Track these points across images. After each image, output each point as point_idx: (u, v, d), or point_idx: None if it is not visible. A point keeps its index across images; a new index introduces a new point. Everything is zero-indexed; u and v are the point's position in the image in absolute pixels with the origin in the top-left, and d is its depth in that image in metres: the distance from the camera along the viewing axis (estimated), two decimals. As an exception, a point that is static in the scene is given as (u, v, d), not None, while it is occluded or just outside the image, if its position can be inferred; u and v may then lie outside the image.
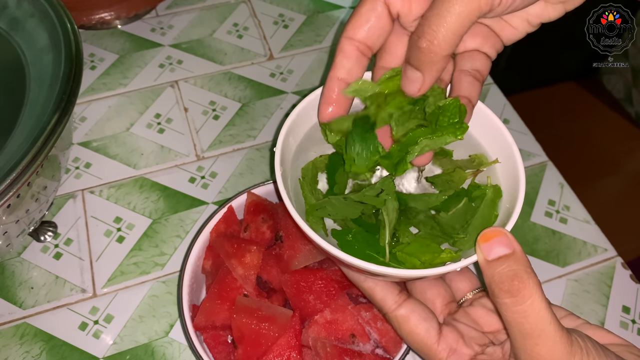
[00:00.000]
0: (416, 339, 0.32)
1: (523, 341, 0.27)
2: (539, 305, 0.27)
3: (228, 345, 0.37)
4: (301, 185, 0.35)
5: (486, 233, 0.29)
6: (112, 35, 0.62)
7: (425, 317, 0.32)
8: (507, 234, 0.28)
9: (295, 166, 0.35)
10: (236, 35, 0.62)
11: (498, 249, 0.28)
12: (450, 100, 0.32)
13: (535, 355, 0.27)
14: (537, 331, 0.27)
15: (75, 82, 0.38)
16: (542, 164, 0.53)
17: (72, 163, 0.52)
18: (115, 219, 0.48)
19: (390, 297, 0.33)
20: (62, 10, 0.41)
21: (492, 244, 0.28)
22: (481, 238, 0.29)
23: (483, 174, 0.35)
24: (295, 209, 0.31)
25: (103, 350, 0.42)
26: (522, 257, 0.28)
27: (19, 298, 0.44)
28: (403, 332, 0.32)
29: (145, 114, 0.55)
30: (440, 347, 0.31)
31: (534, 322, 0.27)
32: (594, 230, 0.49)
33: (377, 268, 0.29)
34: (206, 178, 0.51)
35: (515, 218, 0.31)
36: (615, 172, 1.41)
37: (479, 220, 0.33)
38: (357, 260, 0.29)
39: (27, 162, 0.34)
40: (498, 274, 0.28)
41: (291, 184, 0.34)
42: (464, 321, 0.33)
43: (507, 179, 0.34)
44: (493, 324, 0.33)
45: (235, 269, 0.37)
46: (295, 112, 0.34)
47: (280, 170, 0.32)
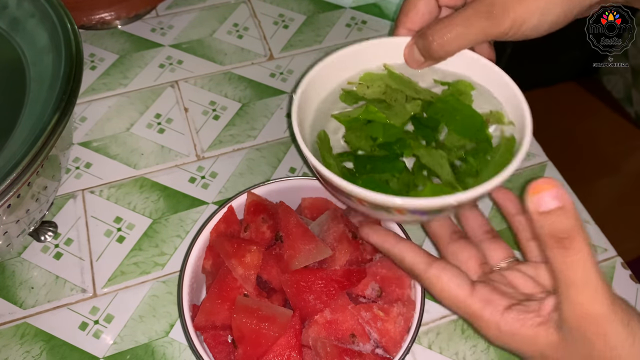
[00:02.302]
0: (449, 295, 0.32)
1: (567, 290, 0.29)
2: (587, 259, 0.28)
3: (228, 345, 0.37)
4: (318, 145, 0.37)
5: (537, 184, 0.29)
6: (112, 35, 0.62)
7: (456, 274, 0.33)
8: (557, 186, 0.28)
9: (312, 129, 0.38)
10: (236, 36, 0.62)
11: (549, 201, 0.28)
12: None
13: (578, 304, 0.28)
14: (582, 281, 0.28)
15: (76, 82, 0.38)
16: (542, 164, 0.53)
17: (73, 163, 0.52)
18: (115, 219, 0.48)
19: (420, 259, 0.33)
20: (63, 11, 0.41)
21: (543, 196, 0.29)
22: (532, 189, 0.29)
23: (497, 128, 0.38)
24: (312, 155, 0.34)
25: (103, 350, 0.42)
26: (573, 211, 0.28)
27: (19, 298, 0.44)
28: (436, 291, 0.33)
29: (145, 114, 0.55)
30: (473, 300, 0.32)
31: (580, 274, 0.28)
32: (593, 230, 0.49)
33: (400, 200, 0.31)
34: (206, 178, 0.51)
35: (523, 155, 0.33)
36: (615, 172, 1.41)
37: (492, 167, 0.35)
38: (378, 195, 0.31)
39: (28, 162, 0.34)
40: (549, 226, 0.28)
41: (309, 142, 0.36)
42: (498, 280, 0.34)
43: (516, 130, 0.36)
44: (529, 287, 0.34)
45: (236, 268, 0.37)
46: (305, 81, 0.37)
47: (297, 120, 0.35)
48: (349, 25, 0.64)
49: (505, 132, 0.37)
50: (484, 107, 0.38)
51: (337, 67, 0.39)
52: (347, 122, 0.38)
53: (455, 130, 0.37)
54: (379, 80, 0.39)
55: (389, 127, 0.37)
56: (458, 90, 0.38)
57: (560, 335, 0.30)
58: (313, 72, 0.38)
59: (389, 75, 0.39)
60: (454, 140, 0.37)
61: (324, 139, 0.37)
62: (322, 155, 0.36)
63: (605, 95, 1.54)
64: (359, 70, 0.40)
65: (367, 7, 0.66)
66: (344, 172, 0.36)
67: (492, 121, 0.37)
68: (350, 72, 0.40)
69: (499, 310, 0.31)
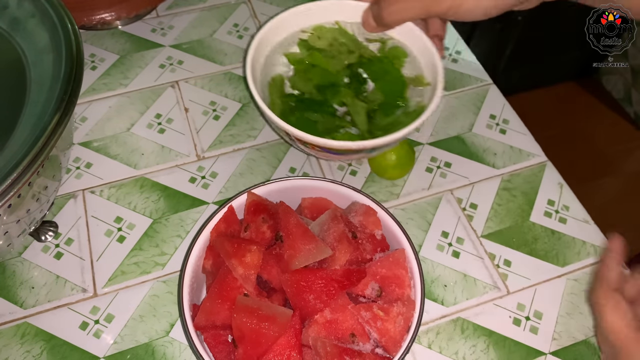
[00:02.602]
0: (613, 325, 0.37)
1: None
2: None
3: (228, 345, 0.37)
4: (270, 85, 0.44)
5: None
6: (112, 35, 0.62)
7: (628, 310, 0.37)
8: None
9: (263, 73, 0.45)
10: (236, 36, 0.62)
11: None
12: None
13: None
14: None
15: (76, 82, 0.38)
16: (542, 164, 0.53)
17: (73, 163, 0.52)
18: (115, 219, 0.49)
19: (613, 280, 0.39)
20: (63, 11, 0.42)
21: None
22: None
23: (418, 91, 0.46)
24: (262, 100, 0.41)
25: (104, 350, 0.42)
26: None
27: (20, 298, 0.44)
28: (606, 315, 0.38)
29: (145, 114, 0.56)
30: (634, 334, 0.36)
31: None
32: (593, 230, 0.49)
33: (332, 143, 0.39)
34: (206, 178, 0.51)
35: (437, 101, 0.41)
36: (614, 172, 1.41)
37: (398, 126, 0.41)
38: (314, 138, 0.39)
39: (28, 162, 0.34)
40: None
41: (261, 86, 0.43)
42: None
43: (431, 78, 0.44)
44: None
45: (236, 268, 0.37)
46: (267, 25, 0.44)
47: (251, 70, 0.42)
48: (349, 25, 0.64)
49: (424, 101, 0.43)
50: (412, 72, 0.45)
51: (296, 18, 0.46)
52: (294, 62, 0.45)
53: (381, 89, 0.44)
54: (328, 33, 0.46)
55: (326, 72, 0.44)
56: (394, 55, 0.45)
57: None
58: (274, 21, 0.45)
59: (338, 31, 0.46)
60: (377, 96, 0.44)
61: (278, 81, 0.45)
62: (270, 93, 0.44)
63: (605, 95, 1.54)
64: (315, 23, 0.46)
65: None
66: (284, 109, 0.43)
67: (415, 84, 0.44)
68: (307, 24, 0.46)
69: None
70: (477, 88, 0.59)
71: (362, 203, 0.41)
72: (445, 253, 0.47)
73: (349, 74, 0.45)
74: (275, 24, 0.44)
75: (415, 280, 0.38)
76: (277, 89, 0.44)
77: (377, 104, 0.43)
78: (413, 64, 0.45)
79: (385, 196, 0.50)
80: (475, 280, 0.46)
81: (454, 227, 0.49)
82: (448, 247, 0.48)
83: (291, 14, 0.45)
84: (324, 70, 0.44)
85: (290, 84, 0.45)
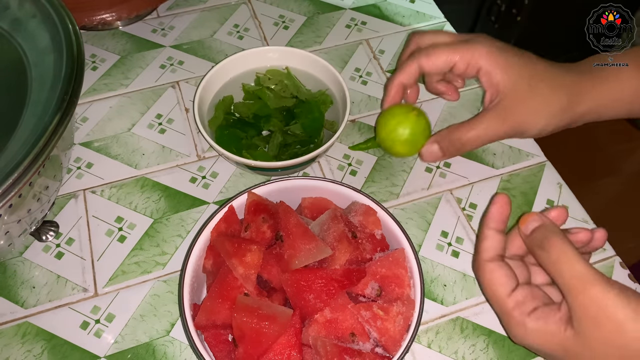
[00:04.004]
0: (492, 290, 0.37)
1: (562, 285, 0.33)
2: (567, 253, 0.34)
3: (229, 344, 0.37)
4: (219, 103, 0.52)
5: (524, 218, 0.38)
6: (113, 36, 0.62)
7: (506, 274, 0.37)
8: (538, 214, 0.38)
9: (221, 92, 0.53)
10: (237, 37, 0.62)
11: (531, 224, 0.37)
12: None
13: (575, 294, 0.32)
14: (569, 273, 0.33)
15: (77, 82, 0.38)
16: (541, 164, 0.53)
17: (74, 163, 0.52)
18: (116, 219, 0.49)
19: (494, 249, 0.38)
20: (64, 11, 0.42)
21: (527, 222, 0.38)
22: (521, 222, 0.38)
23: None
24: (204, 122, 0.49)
25: (104, 349, 0.42)
26: (551, 225, 0.37)
27: (21, 297, 0.44)
28: (484, 282, 0.38)
29: (146, 115, 0.56)
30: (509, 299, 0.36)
31: (566, 267, 0.33)
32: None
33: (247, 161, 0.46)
34: (207, 178, 0.51)
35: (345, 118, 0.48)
36: (613, 172, 1.41)
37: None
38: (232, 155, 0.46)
39: (29, 162, 0.34)
40: (532, 239, 0.37)
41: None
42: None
43: (340, 101, 0.51)
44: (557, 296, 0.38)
45: (236, 268, 0.37)
46: (209, 74, 0.51)
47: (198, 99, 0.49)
48: (348, 26, 0.64)
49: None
50: (331, 117, 0.52)
51: (255, 57, 0.53)
52: (246, 91, 0.54)
53: (302, 125, 0.51)
54: (279, 76, 0.53)
55: (265, 107, 0.52)
56: (322, 100, 0.52)
57: (575, 327, 0.33)
58: (238, 55, 0.52)
59: (287, 75, 0.53)
60: (297, 130, 0.51)
61: (227, 101, 0.52)
62: (216, 109, 0.51)
63: (605, 95, 1.54)
64: (269, 65, 0.54)
65: (367, 8, 0.66)
66: (222, 124, 0.51)
67: (327, 127, 0.52)
68: (263, 65, 0.54)
69: (527, 311, 0.35)
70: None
71: (362, 203, 0.42)
72: (445, 253, 0.47)
73: (284, 110, 0.53)
74: (237, 58, 0.52)
75: (414, 280, 0.38)
76: (225, 107, 0.52)
77: (297, 137, 0.51)
78: (334, 111, 0.52)
79: (385, 196, 0.50)
80: (475, 280, 0.46)
81: (453, 226, 0.49)
82: (447, 247, 0.48)
83: (252, 53, 0.53)
84: (264, 104, 0.52)
85: (234, 107, 0.53)
